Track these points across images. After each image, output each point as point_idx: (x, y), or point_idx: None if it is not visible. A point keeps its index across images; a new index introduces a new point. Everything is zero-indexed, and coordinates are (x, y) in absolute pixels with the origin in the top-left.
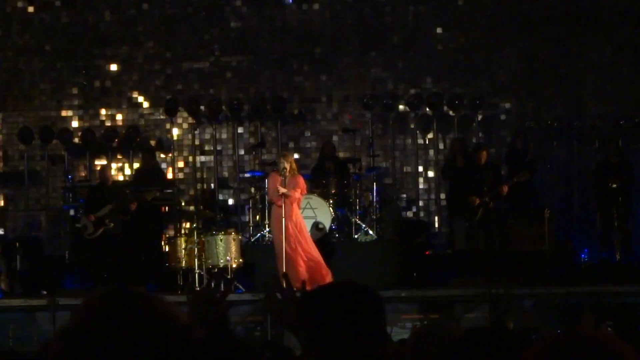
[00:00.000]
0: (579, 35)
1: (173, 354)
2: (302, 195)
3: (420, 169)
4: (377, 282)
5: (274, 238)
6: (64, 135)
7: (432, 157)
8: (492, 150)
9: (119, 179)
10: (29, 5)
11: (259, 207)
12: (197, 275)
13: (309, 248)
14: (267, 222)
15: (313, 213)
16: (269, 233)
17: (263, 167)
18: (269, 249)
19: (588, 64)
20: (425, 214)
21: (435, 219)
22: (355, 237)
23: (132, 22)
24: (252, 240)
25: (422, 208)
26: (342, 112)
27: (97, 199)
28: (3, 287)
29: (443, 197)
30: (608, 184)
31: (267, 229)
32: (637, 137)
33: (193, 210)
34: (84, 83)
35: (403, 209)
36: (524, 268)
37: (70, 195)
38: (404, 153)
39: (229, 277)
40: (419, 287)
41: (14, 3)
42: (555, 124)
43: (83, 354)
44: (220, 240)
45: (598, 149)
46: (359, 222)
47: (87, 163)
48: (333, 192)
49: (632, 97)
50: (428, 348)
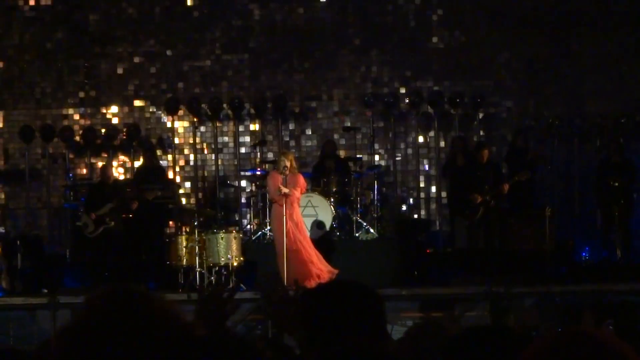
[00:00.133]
0: (580, 34)
1: (173, 353)
2: (301, 194)
3: (421, 168)
4: (377, 280)
5: (275, 236)
6: (65, 134)
7: (433, 155)
8: (492, 149)
9: (120, 178)
10: (30, 4)
11: (260, 205)
12: (198, 274)
13: (303, 248)
14: (267, 220)
15: (314, 211)
16: (270, 231)
17: (264, 165)
18: (270, 247)
19: (589, 63)
20: (426, 213)
21: (436, 218)
22: (356, 235)
23: (132, 20)
24: (252, 239)
25: (422, 206)
26: (342, 110)
27: (97, 198)
28: (4, 285)
29: (444, 195)
30: (609, 183)
31: (267, 227)
32: (637, 135)
33: (194, 209)
34: (85, 82)
35: (404, 208)
36: (525, 266)
37: (71, 194)
38: (405, 151)
39: (231, 276)
40: (420, 285)
41: (15, 2)
42: (556, 123)
43: (84, 353)
44: (221, 239)
45: (599, 148)
46: (360, 220)
47: (88, 161)
48: (334, 190)
49: (632, 95)
50: (423, 346)
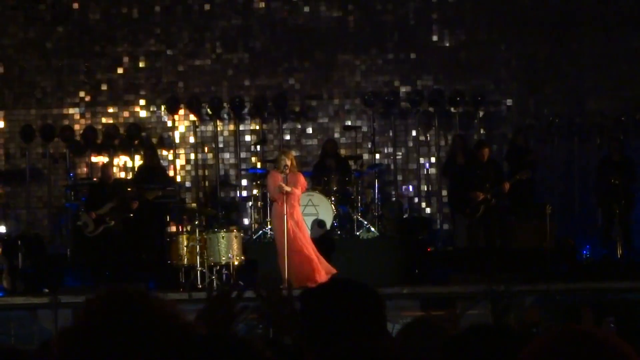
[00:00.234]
0: (580, 32)
1: (173, 353)
2: (302, 193)
3: (426, 166)
4: (378, 278)
5: (275, 235)
6: (66, 133)
7: (433, 154)
8: (493, 147)
9: (121, 177)
10: (30, 3)
11: (261, 204)
12: (198, 273)
13: (303, 247)
14: (268, 219)
15: (315, 210)
16: (271, 230)
17: (264, 164)
18: (271, 247)
19: (589, 61)
20: (427, 211)
21: (437, 216)
22: (357, 234)
23: (133, 19)
24: (253, 238)
25: (423, 205)
26: (343, 109)
27: (98, 197)
28: (5, 284)
29: (444, 194)
30: (610, 181)
31: (268, 227)
32: (638, 133)
33: (195, 208)
34: (85, 81)
35: (404, 206)
36: (525, 265)
37: (72, 193)
38: (406, 150)
39: (231, 275)
40: (421, 283)
41: (15, 1)
42: (556, 121)
43: (85, 354)
44: (222, 238)
45: (599, 146)
46: (361, 219)
47: (88, 161)
48: (335, 189)
49: (632, 93)
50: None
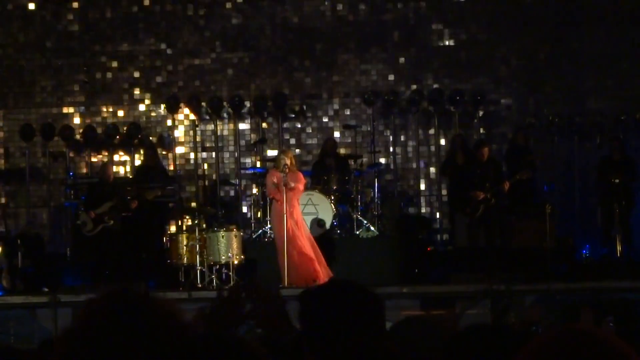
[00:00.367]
0: (580, 31)
1: (175, 353)
2: (303, 187)
3: (422, 165)
4: (378, 278)
5: (275, 234)
6: (65, 132)
7: (433, 153)
8: (493, 147)
9: (121, 176)
10: (30, 2)
11: (260, 203)
12: (198, 272)
13: (303, 245)
14: (268, 218)
15: (314, 209)
16: (270, 230)
17: (264, 163)
18: (270, 246)
19: (589, 60)
20: (427, 210)
21: (437, 215)
22: (357, 233)
23: (133, 18)
24: (253, 237)
25: (423, 204)
26: (343, 108)
27: (97, 196)
28: (4, 284)
29: (444, 193)
30: (610, 180)
31: (268, 226)
32: (638, 133)
33: (194, 207)
34: (85, 80)
35: (404, 205)
36: (525, 264)
37: (72, 192)
38: (405, 149)
39: (231, 273)
40: (421, 283)
41: (15, 0)
42: (556, 120)
43: (86, 355)
44: (222, 237)
45: (599, 145)
46: (361, 218)
47: (88, 160)
48: (334, 188)
49: (633, 93)
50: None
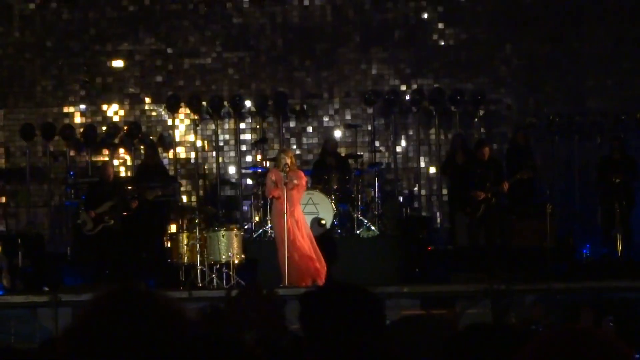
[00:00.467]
0: (580, 31)
1: (177, 351)
2: (305, 184)
3: (422, 165)
4: (379, 277)
5: (275, 234)
6: (66, 132)
7: (433, 152)
8: (493, 146)
9: (121, 176)
10: (30, 2)
11: (261, 203)
12: (199, 271)
13: (303, 245)
14: (268, 217)
15: (315, 209)
16: (271, 229)
17: (265, 162)
18: (271, 245)
19: (589, 60)
20: (427, 210)
21: (437, 215)
22: (357, 232)
23: (133, 18)
24: (254, 236)
25: (424, 204)
26: (343, 107)
27: (97, 196)
28: (5, 283)
29: (445, 192)
30: (611, 180)
31: (269, 225)
32: (638, 132)
33: (195, 206)
34: (86, 80)
35: (405, 205)
36: (526, 264)
37: (72, 192)
38: (406, 149)
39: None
40: (421, 282)
41: (15, 0)
42: (557, 120)
43: (89, 353)
44: (222, 236)
45: (599, 145)
46: (361, 217)
47: (89, 159)
48: (335, 188)
49: (633, 92)
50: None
